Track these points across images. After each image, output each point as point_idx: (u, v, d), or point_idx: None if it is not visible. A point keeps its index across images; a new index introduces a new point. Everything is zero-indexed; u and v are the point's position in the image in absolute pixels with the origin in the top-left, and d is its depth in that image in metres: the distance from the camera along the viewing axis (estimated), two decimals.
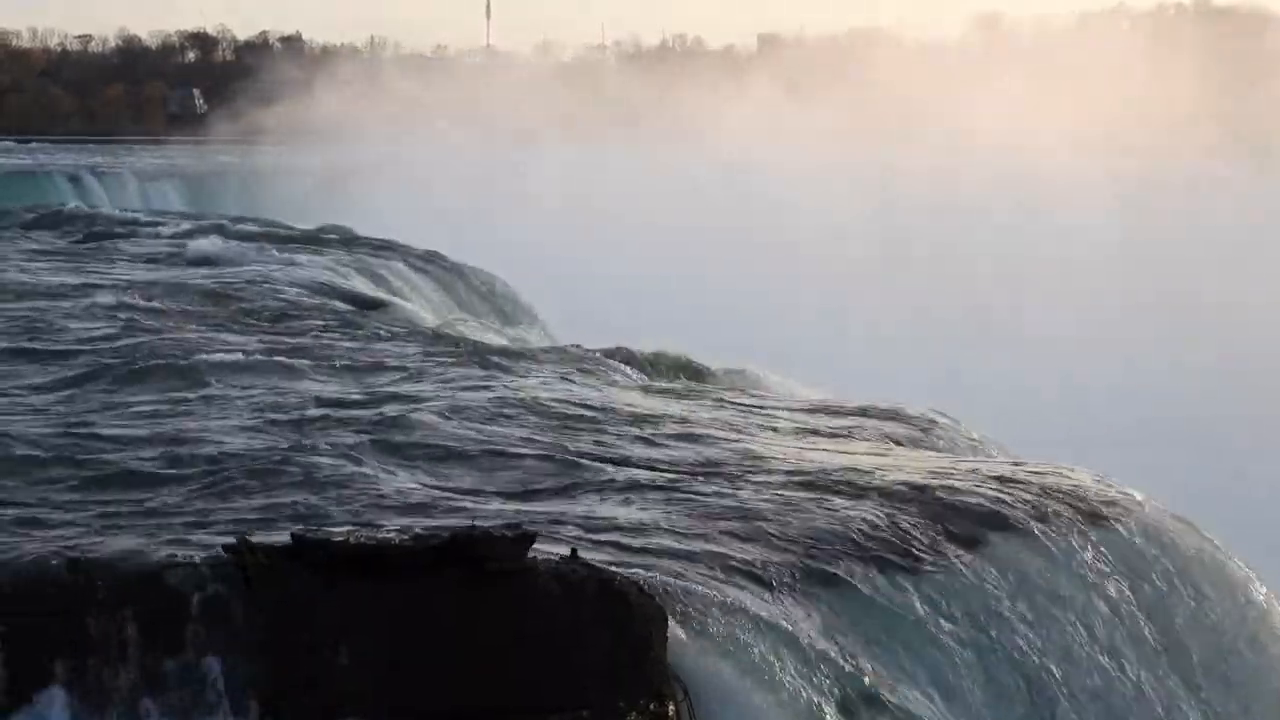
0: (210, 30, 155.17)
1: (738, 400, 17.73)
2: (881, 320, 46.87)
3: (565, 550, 10.10)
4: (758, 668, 10.04)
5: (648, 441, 14.54)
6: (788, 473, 13.47)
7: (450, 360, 18.69)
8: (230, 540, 9.84)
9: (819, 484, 13.07)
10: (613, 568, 10.16)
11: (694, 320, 38.54)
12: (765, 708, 9.84)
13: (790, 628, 10.45)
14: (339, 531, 10.16)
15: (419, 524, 10.81)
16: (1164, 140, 67.53)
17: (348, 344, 19.97)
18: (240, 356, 18.24)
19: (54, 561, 9.69)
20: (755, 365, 21.13)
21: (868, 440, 15.62)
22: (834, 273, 52.74)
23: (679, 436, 14.86)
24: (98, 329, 20.23)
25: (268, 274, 27.53)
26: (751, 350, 22.07)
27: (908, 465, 14.06)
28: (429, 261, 33.10)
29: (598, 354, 20.10)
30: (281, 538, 9.90)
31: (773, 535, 11.61)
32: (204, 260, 29.88)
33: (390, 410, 15.27)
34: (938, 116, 73.30)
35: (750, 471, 13.52)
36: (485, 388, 16.83)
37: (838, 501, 12.49)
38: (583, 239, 55.39)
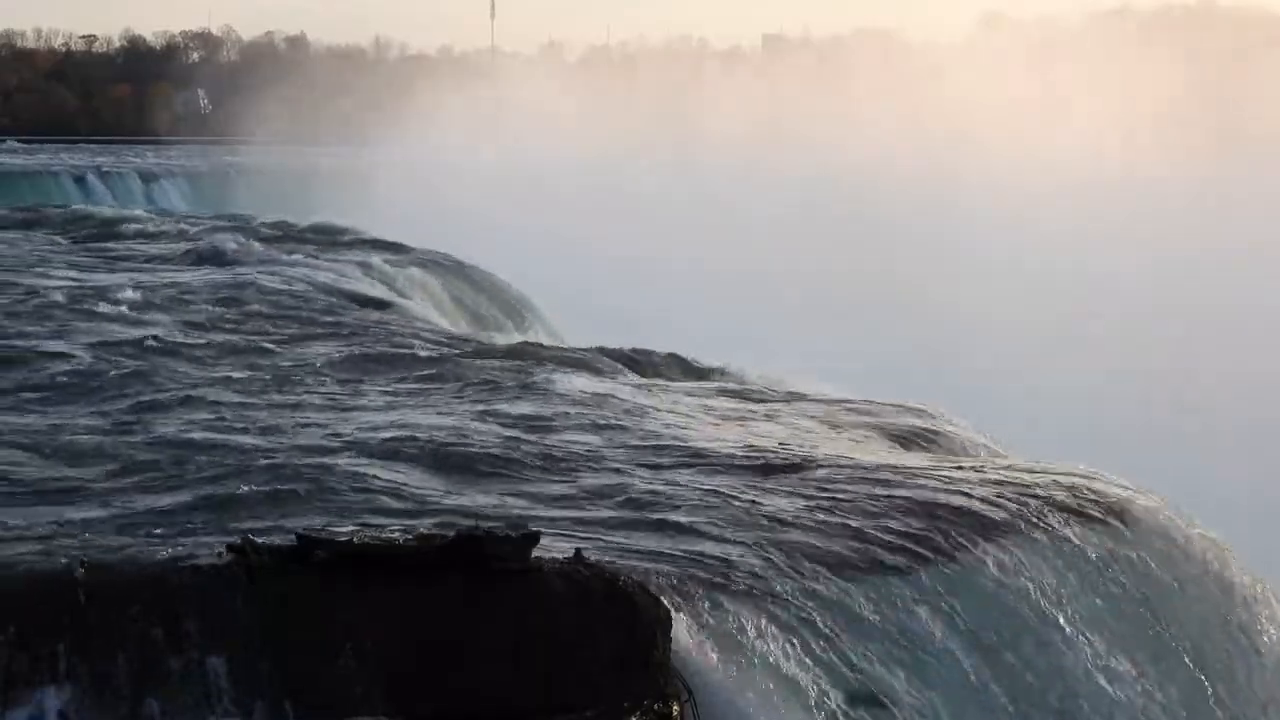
0: (215, 31, 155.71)
1: (740, 399, 17.69)
2: (881, 320, 46.80)
3: (570, 550, 10.08)
4: (763, 669, 10.02)
5: (652, 441, 14.51)
6: (793, 472, 13.44)
7: (454, 360, 18.66)
8: (234, 539, 9.83)
9: (824, 484, 13.05)
10: (618, 568, 10.14)
11: (693, 318, 38.59)
12: (769, 709, 9.81)
13: (797, 629, 10.43)
14: (343, 531, 10.16)
15: (424, 524, 10.80)
16: (1167, 140, 67.51)
17: (351, 343, 19.96)
18: (243, 355, 18.24)
19: (57, 560, 9.68)
20: (752, 364, 21.09)
21: (873, 439, 15.59)
22: (833, 272, 52.73)
23: (682, 436, 14.83)
24: (101, 328, 20.23)
25: (273, 273, 27.50)
26: (750, 349, 22.03)
27: (914, 465, 14.03)
28: (435, 262, 33.10)
29: (602, 353, 20.08)
30: (286, 537, 9.88)
31: (778, 536, 11.59)
32: (208, 260, 29.87)
33: (394, 410, 15.27)
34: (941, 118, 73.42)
35: (754, 471, 13.49)
36: (490, 388, 16.82)
37: (843, 503, 12.46)
38: (589, 237, 55.42)
